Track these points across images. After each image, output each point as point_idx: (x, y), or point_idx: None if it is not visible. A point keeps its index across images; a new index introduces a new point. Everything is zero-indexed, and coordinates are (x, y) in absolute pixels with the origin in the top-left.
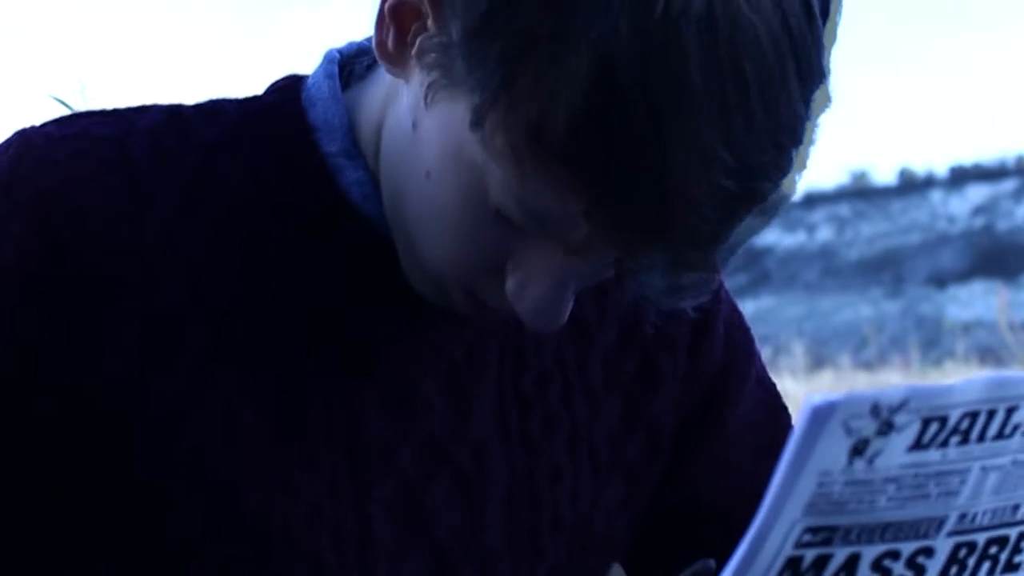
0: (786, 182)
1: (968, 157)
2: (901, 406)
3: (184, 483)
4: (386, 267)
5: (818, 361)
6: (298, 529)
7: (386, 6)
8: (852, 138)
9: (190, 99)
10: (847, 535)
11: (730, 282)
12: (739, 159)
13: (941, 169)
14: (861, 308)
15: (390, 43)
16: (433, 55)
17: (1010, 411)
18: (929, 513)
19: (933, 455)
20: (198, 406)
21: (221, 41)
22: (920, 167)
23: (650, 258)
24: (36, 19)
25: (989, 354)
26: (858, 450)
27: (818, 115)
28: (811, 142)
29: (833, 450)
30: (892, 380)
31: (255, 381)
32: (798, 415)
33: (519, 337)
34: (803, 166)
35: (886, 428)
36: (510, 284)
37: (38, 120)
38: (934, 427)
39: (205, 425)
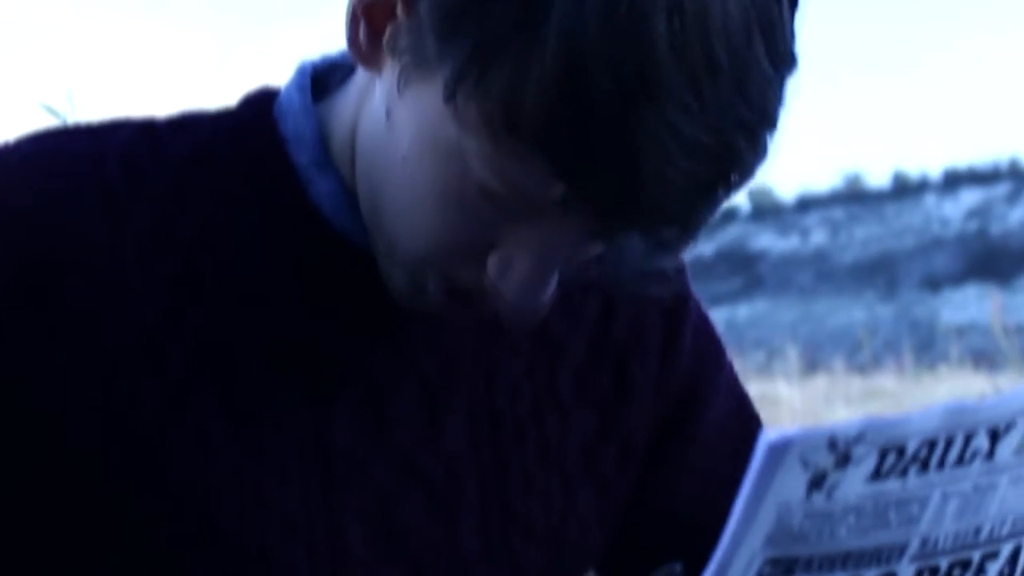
0: (757, 165)
1: (962, 161)
2: (858, 438)
3: (160, 503)
4: (359, 279)
5: (812, 365)
6: (272, 544)
7: (358, 3)
8: (846, 141)
9: (185, 109)
10: (808, 565)
11: (724, 286)
12: (712, 139)
13: (935, 172)
14: (855, 312)
15: (362, 39)
16: (405, 40)
17: (968, 438)
18: (890, 540)
19: (892, 484)
20: (173, 425)
21: (218, 51)
22: (914, 170)
23: (627, 235)
24: (27, 27)
25: (983, 357)
26: (816, 483)
27: (791, 102)
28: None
29: (791, 484)
30: (886, 384)
31: (229, 398)
32: (756, 450)
33: (490, 352)
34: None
35: (843, 460)
36: (492, 265)
37: (26, 129)
38: (892, 457)
39: (180, 443)
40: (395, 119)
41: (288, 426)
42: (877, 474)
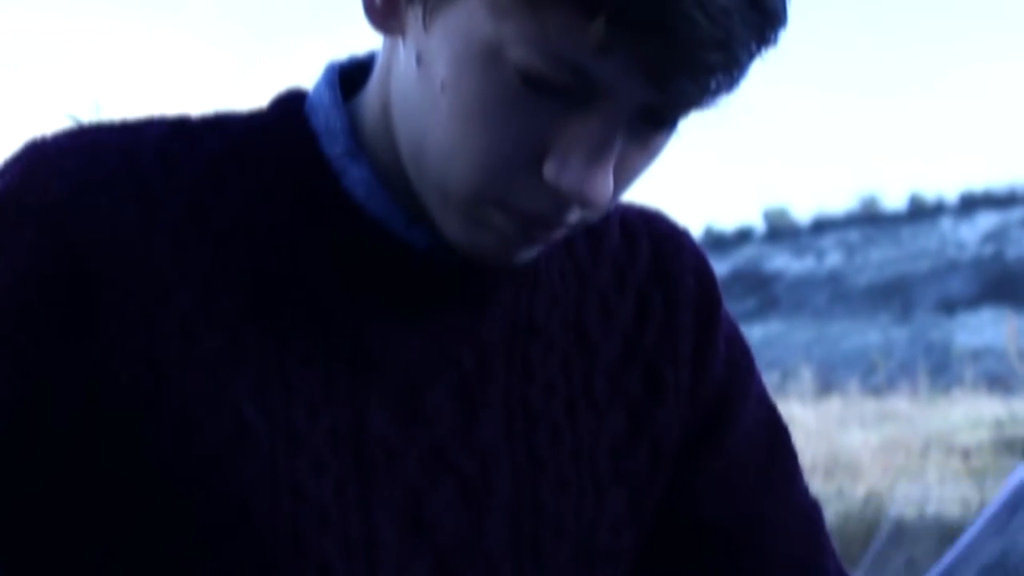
0: (784, 21)
1: (978, 184)
2: None
3: (195, 489)
4: (395, 268)
5: (826, 387)
6: (306, 535)
7: None
8: (862, 163)
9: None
10: None
11: (738, 306)
12: None
13: (951, 195)
14: (870, 334)
15: (378, 2)
16: None
17: None
18: None
19: None
20: (209, 413)
21: (239, 65)
22: (930, 193)
23: (677, 90)
24: (54, 40)
25: (998, 382)
26: None
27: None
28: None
29: None
30: (900, 406)
31: (265, 387)
32: (1004, 484)
33: (527, 347)
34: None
35: None
36: (548, 167)
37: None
38: None
39: (216, 432)
40: (427, 58)
41: (323, 416)
42: None
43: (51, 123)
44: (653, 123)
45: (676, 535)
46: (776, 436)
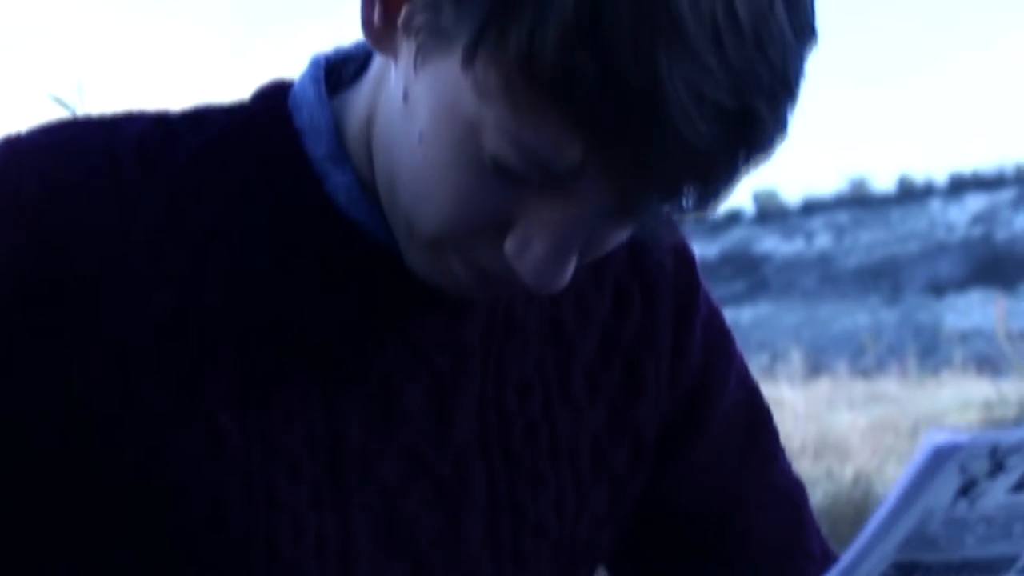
0: (777, 136)
1: (967, 166)
2: (1017, 448)
3: (169, 495)
4: (372, 273)
5: (816, 368)
6: (281, 540)
7: None
8: (851, 145)
9: (198, 103)
10: (927, 571)
11: (728, 289)
12: (733, 102)
13: (940, 178)
14: (859, 316)
15: (377, 20)
16: (421, 17)
17: None
18: (1007, 552)
19: None
20: (183, 418)
21: (231, 49)
22: (919, 175)
23: (646, 198)
24: (37, 19)
25: (986, 363)
26: (965, 490)
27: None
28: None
29: (943, 489)
30: (889, 388)
31: (240, 394)
32: (917, 452)
33: (501, 349)
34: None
35: (996, 469)
36: (510, 243)
37: (36, 119)
38: None
39: (189, 438)
40: (412, 98)
41: (299, 422)
42: (1019, 485)
43: (33, 103)
44: (623, 217)
45: (656, 522)
46: (756, 418)
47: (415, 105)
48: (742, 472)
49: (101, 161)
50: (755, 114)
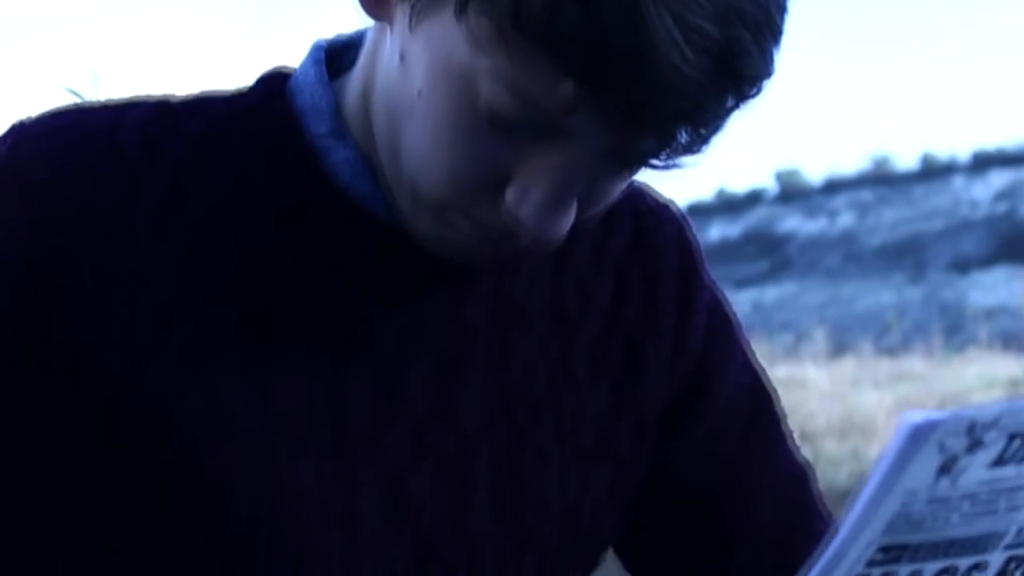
0: (763, 74)
1: (991, 142)
2: (994, 423)
3: (173, 471)
4: (376, 248)
5: (840, 348)
6: (286, 515)
7: None
8: (874, 123)
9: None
10: (915, 553)
11: (750, 269)
12: (718, 31)
13: (964, 154)
14: (883, 294)
15: None
16: None
17: None
18: (993, 529)
19: (1010, 471)
20: (188, 394)
21: (243, 34)
22: (942, 152)
23: (641, 137)
24: (52, 8)
25: (1012, 339)
26: (946, 468)
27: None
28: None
29: (923, 468)
30: (915, 367)
31: (245, 368)
32: (895, 432)
33: (505, 328)
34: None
35: (975, 445)
36: (510, 194)
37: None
38: (1017, 443)
39: (196, 413)
40: (408, 59)
41: (302, 398)
42: (999, 460)
43: (48, 95)
44: (619, 163)
45: (658, 504)
46: (760, 402)
47: (412, 66)
48: (745, 454)
49: (105, 143)
50: (740, 44)
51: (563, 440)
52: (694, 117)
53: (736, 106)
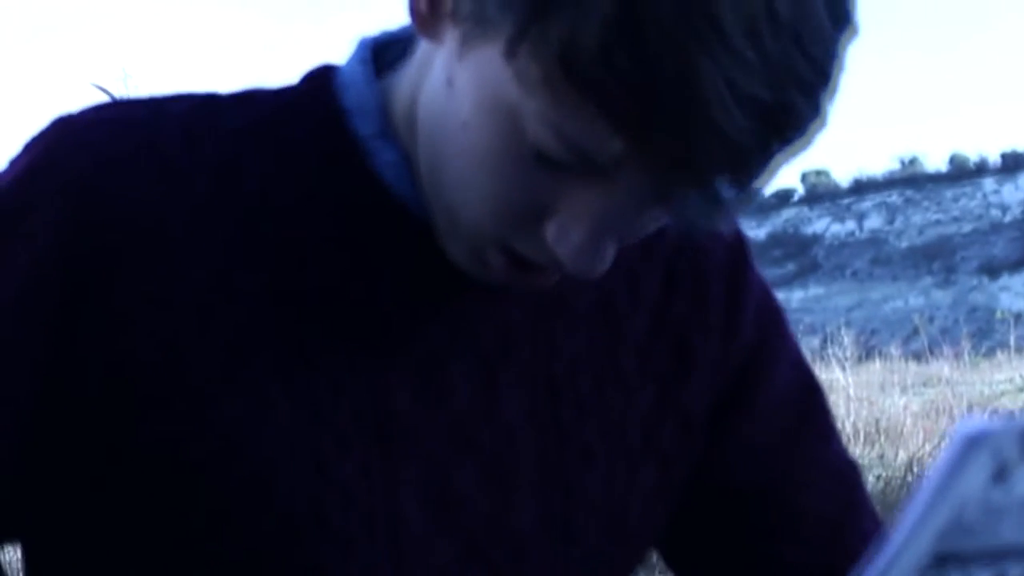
0: (813, 126)
1: (1021, 144)
2: None
3: (217, 467)
4: (419, 248)
5: (868, 351)
6: (330, 512)
7: None
8: (903, 124)
9: (246, 86)
10: (965, 563)
11: (778, 270)
12: (770, 95)
13: (993, 156)
14: (911, 297)
15: (423, 7)
16: (466, 5)
17: None
18: None
19: None
20: (230, 390)
21: (272, 33)
22: (972, 154)
23: (684, 189)
24: (82, 7)
25: None
26: (999, 476)
27: (848, 83)
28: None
29: (976, 477)
30: (943, 371)
31: (287, 365)
32: (949, 442)
33: (550, 326)
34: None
35: None
36: (550, 230)
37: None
38: None
39: (237, 409)
40: (456, 86)
41: (346, 393)
42: None
43: (78, 92)
44: (660, 204)
45: (706, 499)
46: (809, 398)
47: (459, 94)
48: (793, 451)
49: (147, 138)
50: (792, 107)
51: (609, 439)
52: (738, 170)
53: (782, 156)
